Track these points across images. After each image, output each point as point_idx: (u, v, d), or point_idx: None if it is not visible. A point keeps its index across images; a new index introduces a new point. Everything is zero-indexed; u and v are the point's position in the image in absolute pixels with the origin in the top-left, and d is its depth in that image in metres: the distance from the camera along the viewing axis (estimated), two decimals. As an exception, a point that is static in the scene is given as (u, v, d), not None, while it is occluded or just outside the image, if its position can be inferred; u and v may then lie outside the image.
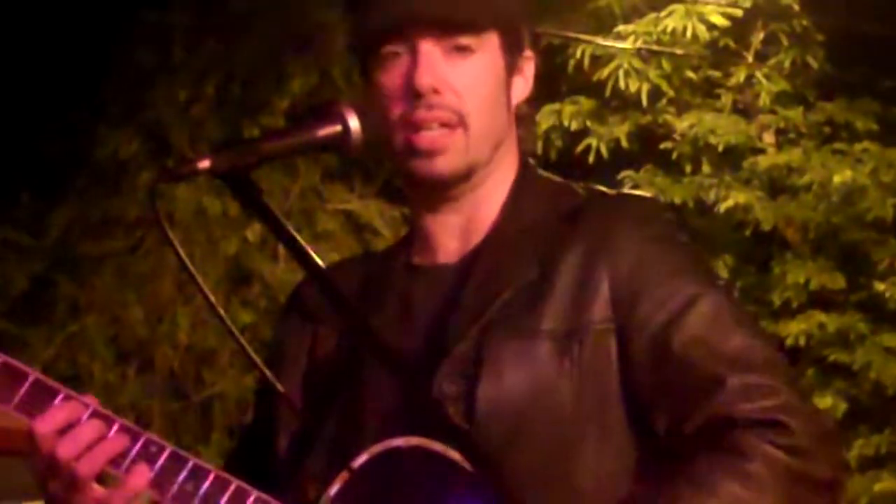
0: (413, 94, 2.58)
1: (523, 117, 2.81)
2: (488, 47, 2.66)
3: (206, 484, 2.43)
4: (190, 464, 2.44)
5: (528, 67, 2.77)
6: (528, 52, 2.78)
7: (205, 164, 2.35)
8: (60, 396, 2.45)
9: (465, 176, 2.68)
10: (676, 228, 2.71)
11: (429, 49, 2.61)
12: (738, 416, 2.44)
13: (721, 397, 2.46)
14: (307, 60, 16.50)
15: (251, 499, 2.44)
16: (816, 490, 2.46)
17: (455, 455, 2.39)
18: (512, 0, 2.77)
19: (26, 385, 2.46)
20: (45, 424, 2.41)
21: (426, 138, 2.60)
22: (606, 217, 2.64)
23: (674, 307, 2.52)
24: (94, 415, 2.44)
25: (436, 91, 2.59)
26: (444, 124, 2.61)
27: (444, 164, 2.63)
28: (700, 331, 2.51)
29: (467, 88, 2.63)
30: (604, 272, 2.55)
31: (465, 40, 2.62)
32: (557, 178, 2.84)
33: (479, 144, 2.66)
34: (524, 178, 2.77)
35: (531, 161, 2.83)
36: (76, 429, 2.42)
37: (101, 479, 2.45)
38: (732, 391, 2.46)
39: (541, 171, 2.85)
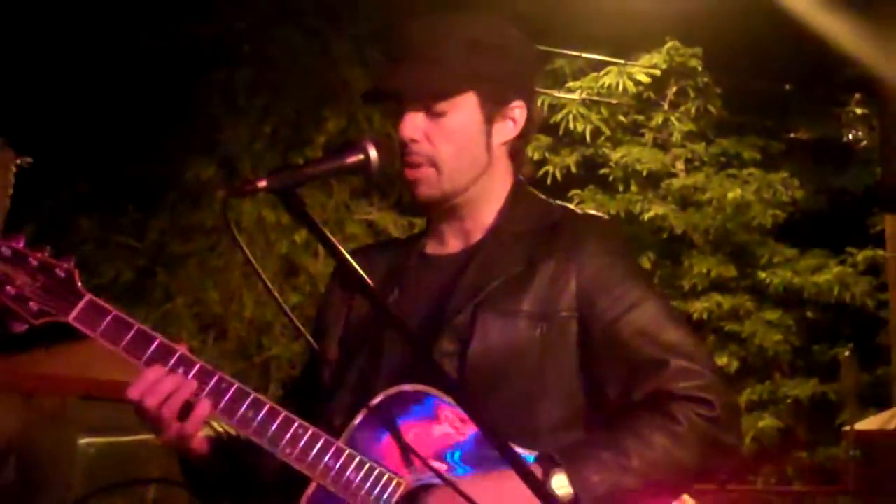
0: (401, 141, 2.50)
1: (517, 149, 2.63)
2: (464, 107, 2.51)
3: (263, 412, 2.32)
4: (251, 397, 2.33)
5: (517, 113, 2.57)
6: (517, 102, 2.57)
7: (263, 183, 2.24)
8: (157, 342, 2.35)
9: (444, 200, 2.56)
10: (626, 244, 2.67)
11: (412, 112, 2.49)
12: (675, 391, 2.39)
13: (664, 375, 2.40)
14: (338, 108, 16.54)
15: (295, 424, 2.32)
16: (724, 453, 2.43)
17: (448, 398, 2.32)
18: (494, 67, 2.54)
19: (132, 332, 2.34)
20: (135, 389, 2.32)
21: (409, 173, 2.50)
22: (577, 232, 2.51)
23: (624, 305, 2.44)
24: (180, 361, 2.32)
25: (413, 141, 2.48)
26: (418, 165, 2.49)
27: (422, 192, 2.52)
28: (645, 325, 2.44)
29: (440, 140, 2.48)
30: (572, 273, 2.46)
31: (439, 107, 2.48)
32: (542, 196, 2.68)
33: (453, 178, 2.52)
34: (516, 194, 2.61)
35: (522, 180, 2.66)
36: (157, 385, 2.31)
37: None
38: (673, 372, 2.40)
39: (529, 189, 2.69)
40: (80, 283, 2.34)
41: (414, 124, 2.49)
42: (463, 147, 2.51)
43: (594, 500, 2.26)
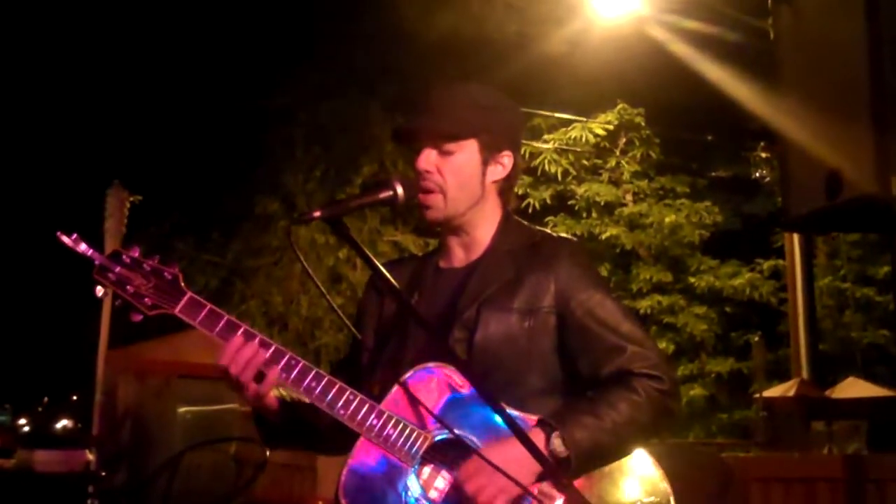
0: (417, 172, 2.48)
1: (506, 188, 2.59)
2: (467, 149, 2.50)
3: (323, 382, 2.32)
4: (314, 371, 2.33)
5: (506, 160, 2.54)
6: (506, 152, 2.55)
7: (317, 214, 2.25)
8: (241, 329, 2.34)
9: (446, 221, 2.54)
10: (590, 259, 2.63)
11: (427, 150, 2.48)
12: (634, 370, 2.40)
13: (624, 358, 2.41)
14: (371, 157, 16.60)
15: (347, 392, 2.31)
16: (670, 416, 2.42)
17: (458, 374, 2.33)
18: (491, 123, 2.52)
19: (222, 321, 2.34)
20: (224, 356, 2.32)
21: (422, 199, 2.47)
22: (554, 249, 2.51)
23: (591, 304, 2.45)
24: (260, 342, 2.35)
25: (427, 171, 2.47)
26: (430, 191, 2.47)
27: (431, 214, 2.49)
28: (606, 318, 2.44)
29: (447, 172, 2.47)
30: (551, 280, 2.45)
31: (448, 147, 2.47)
32: (525, 223, 2.65)
33: (454, 204, 2.50)
34: (506, 222, 2.59)
35: (510, 212, 2.63)
36: (238, 354, 2.31)
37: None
38: (630, 355, 2.41)
39: (516, 217, 2.65)
40: (183, 284, 2.37)
41: (428, 159, 2.49)
42: (464, 180, 2.50)
43: (580, 453, 2.28)
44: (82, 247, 2.33)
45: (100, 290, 2.36)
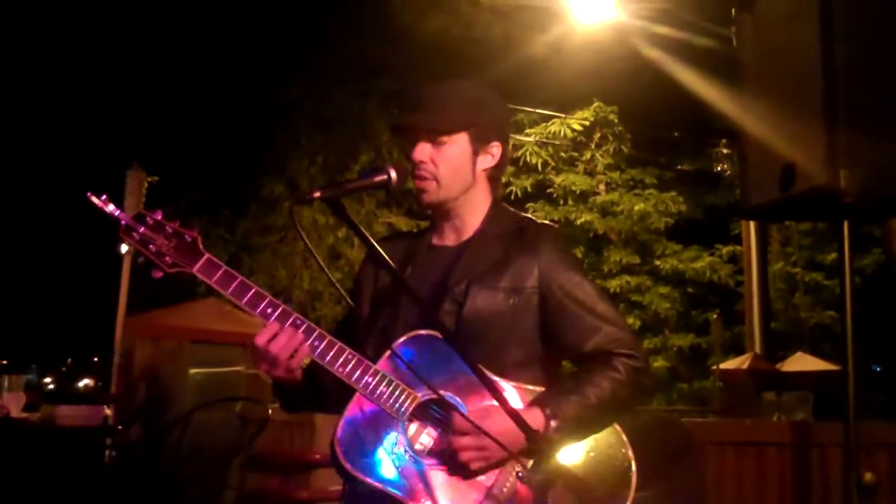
0: (412, 162, 2.48)
1: (494, 177, 2.58)
2: (458, 141, 2.48)
3: (326, 341, 2.29)
4: (317, 331, 2.30)
5: (496, 150, 2.54)
6: (495, 143, 2.54)
7: (317, 194, 2.21)
8: (266, 300, 2.31)
9: (440, 205, 2.53)
10: (567, 244, 2.63)
11: (422, 142, 2.48)
12: (611, 348, 2.40)
13: (601, 336, 2.41)
14: (369, 146, 16.59)
15: (346, 352, 2.30)
16: (644, 391, 2.44)
17: (444, 343, 2.30)
18: (481, 117, 2.51)
19: (236, 282, 2.31)
20: (261, 338, 2.28)
21: (417, 185, 2.48)
22: (537, 234, 2.50)
23: (570, 286, 2.45)
24: (271, 303, 2.31)
25: (422, 162, 2.47)
26: (424, 178, 2.47)
27: (427, 197, 2.49)
28: (584, 299, 2.44)
29: (440, 163, 2.47)
30: (535, 263, 2.44)
31: (441, 139, 2.46)
32: (512, 209, 2.63)
33: (447, 190, 2.49)
34: (495, 208, 2.58)
35: (499, 199, 2.62)
36: (278, 337, 2.28)
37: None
38: (606, 335, 2.41)
39: (503, 204, 2.63)
40: (201, 246, 2.34)
41: (423, 151, 2.48)
42: (456, 169, 2.49)
43: (567, 426, 2.27)
44: (110, 207, 2.30)
45: (124, 248, 2.35)
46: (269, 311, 2.32)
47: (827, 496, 4.52)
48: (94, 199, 2.27)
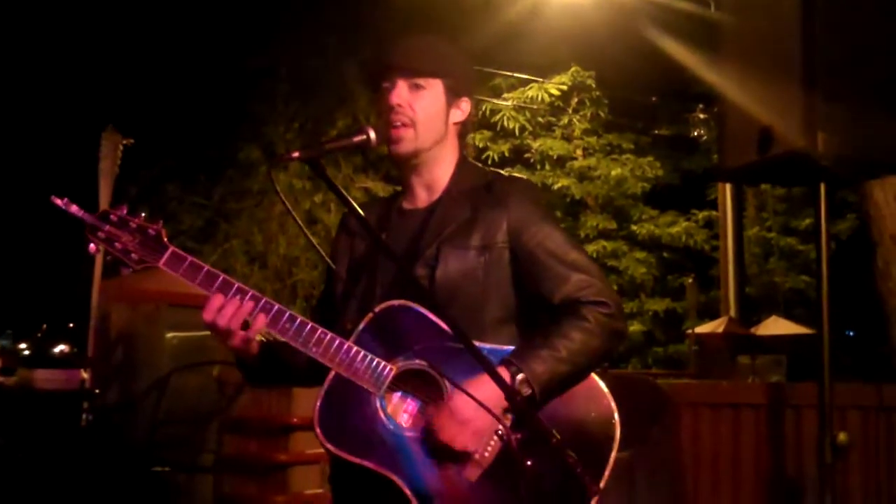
0: (390, 107, 2.45)
1: (463, 133, 2.59)
2: (434, 88, 2.48)
3: (297, 322, 2.31)
4: (288, 313, 2.32)
5: (465, 106, 2.55)
6: (465, 99, 2.55)
7: (296, 154, 2.24)
8: (220, 279, 2.33)
9: (415, 154, 2.50)
10: (539, 195, 2.61)
11: (400, 84, 2.46)
12: (581, 297, 2.37)
13: (571, 285, 2.39)
14: (346, 111, 16.52)
15: (319, 331, 2.30)
16: (620, 337, 2.41)
17: (422, 308, 2.29)
18: (454, 68, 2.53)
19: (203, 272, 2.33)
20: (207, 313, 2.32)
21: (393, 133, 2.45)
22: (505, 188, 2.49)
23: (540, 237, 2.42)
24: (237, 291, 2.32)
25: (399, 105, 2.45)
26: (403, 124, 2.45)
27: (402, 146, 2.46)
28: (554, 249, 2.41)
29: (418, 107, 2.46)
30: (504, 217, 2.43)
31: (420, 82, 2.46)
32: (479, 165, 2.63)
33: (423, 138, 2.47)
34: (462, 163, 2.57)
35: (466, 155, 2.62)
36: (222, 310, 2.31)
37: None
38: (576, 283, 2.39)
39: (470, 160, 2.62)
40: (166, 239, 2.36)
41: (401, 94, 2.46)
42: (432, 116, 2.48)
43: (541, 385, 2.26)
44: (73, 209, 2.33)
45: (92, 247, 2.39)
46: (239, 296, 2.33)
47: (801, 456, 4.58)
48: (58, 202, 2.30)
